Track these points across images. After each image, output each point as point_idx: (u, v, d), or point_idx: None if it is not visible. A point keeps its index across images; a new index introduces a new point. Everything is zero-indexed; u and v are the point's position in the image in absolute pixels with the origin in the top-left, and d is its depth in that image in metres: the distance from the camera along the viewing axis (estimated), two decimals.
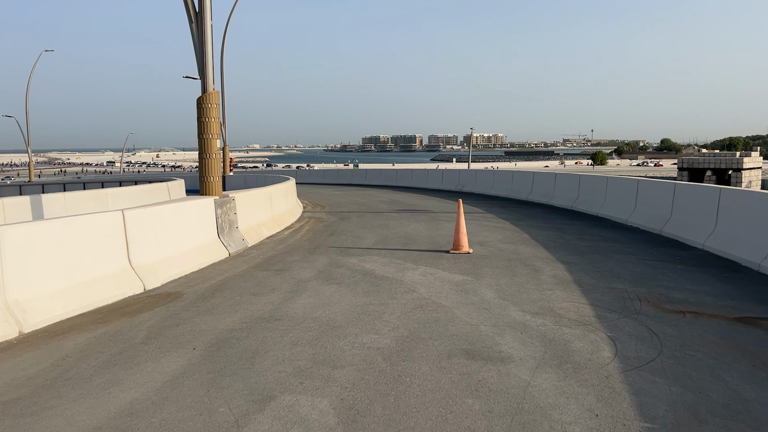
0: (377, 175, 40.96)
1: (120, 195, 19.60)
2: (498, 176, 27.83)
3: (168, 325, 6.71)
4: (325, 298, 7.86)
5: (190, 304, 7.64)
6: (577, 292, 8.04)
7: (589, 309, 7.20)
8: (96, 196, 18.45)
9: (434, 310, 7.21)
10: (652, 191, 14.81)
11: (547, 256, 10.85)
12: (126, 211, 8.42)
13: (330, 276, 9.29)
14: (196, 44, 11.37)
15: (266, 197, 14.96)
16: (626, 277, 9.02)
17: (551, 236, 13.35)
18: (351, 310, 7.20)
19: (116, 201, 18.22)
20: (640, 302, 7.50)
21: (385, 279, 8.98)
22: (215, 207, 11.22)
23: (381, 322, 6.71)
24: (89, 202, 17.19)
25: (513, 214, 18.09)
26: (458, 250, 11.29)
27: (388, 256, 10.95)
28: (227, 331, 6.44)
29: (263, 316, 7.03)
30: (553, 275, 9.16)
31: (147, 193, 20.39)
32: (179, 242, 9.81)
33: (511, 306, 7.36)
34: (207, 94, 11.48)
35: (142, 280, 8.43)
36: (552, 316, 6.88)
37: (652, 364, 5.36)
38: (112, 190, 19.94)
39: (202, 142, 11.57)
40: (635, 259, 10.54)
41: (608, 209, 16.99)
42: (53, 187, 41.85)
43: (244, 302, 7.70)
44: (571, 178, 20.73)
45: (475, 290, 8.20)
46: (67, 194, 17.34)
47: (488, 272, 9.40)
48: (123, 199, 18.95)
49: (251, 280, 9.11)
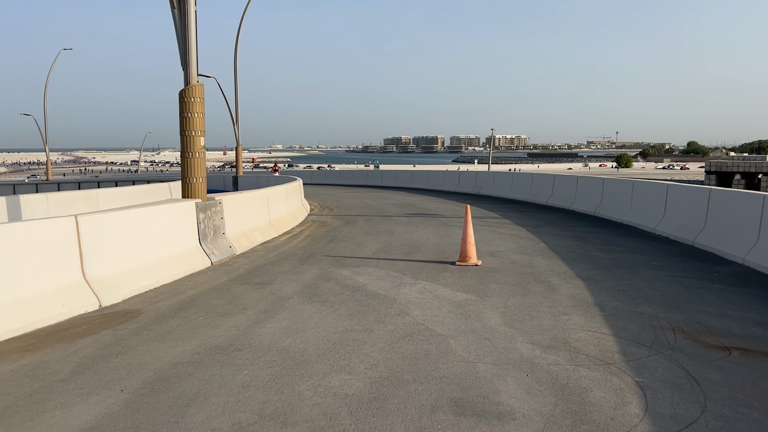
0: (393, 176, 39.85)
1: (113, 196, 18.69)
2: (517, 179, 26.51)
3: (106, 354, 5.64)
4: (302, 321, 6.74)
5: (143, 327, 6.57)
6: (598, 318, 6.82)
7: (612, 341, 5.99)
8: (85, 197, 17.54)
9: (426, 339, 6.05)
10: (683, 197, 13.46)
11: (565, 270, 9.62)
12: (80, 217, 7.37)
13: (315, 292, 8.17)
14: (179, 31, 10.34)
15: (262, 200, 13.89)
16: (656, 298, 7.77)
17: (571, 246, 12.09)
18: (327, 339, 6.07)
19: (107, 202, 17.31)
20: (674, 333, 6.26)
21: (376, 297, 7.84)
22: (197, 211, 10.16)
23: (359, 356, 5.57)
24: (77, 203, 16.29)
25: (530, 220, 16.82)
26: (465, 262, 10.10)
27: (386, 268, 9.80)
28: (172, 365, 5.35)
29: (222, 344, 5.92)
30: (571, 295, 7.94)
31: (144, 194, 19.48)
32: (150, 251, 8.77)
33: (518, 336, 6.17)
34: (190, 86, 10.44)
35: (97, 295, 7.38)
36: (567, 351, 5.68)
37: (694, 427, 4.15)
38: (104, 190, 19.06)
39: (184, 140, 10.53)
40: (666, 275, 9.26)
41: (634, 216, 15.65)
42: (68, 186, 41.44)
43: (206, 325, 6.61)
44: (594, 182, 19.38)
45: (478, 313, 7.02)
46: (51, 195, 16.45)
47: (496, 290, 8.20)
48: (116, 199, 18.03)
49: (225, 295, 8.02)
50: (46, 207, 15.57)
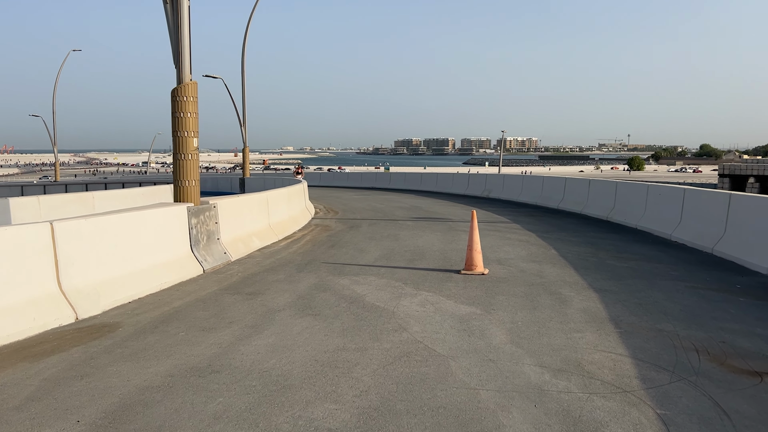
0: (402, 179, 39.38)
1: (110, 198, 18.24)
2: (527, 182, 25.89)
3: (71, 376, 5.14)
4: (290, 338, 6.21)
5: (119, 343, 6.07)
6: (614, 336, 6.24)
7: (629, 364, 5.42)
8: (80, 199, 17.09)
9: (424, 360, 5.51)
10: (701, 202, 12.83)
11: (577, 280, 9.04)
12: (56, 223, 6.89)
13: (309, 303, 7.65)
14: (171, 27, 9.86)
15: (261, 203, 13.40)
16: (676, 313, 7.18)
17: (583, 253, 11.50)
18: (315, 359, 5.54)
19: (103, 205, 16.85)
20: (698, 354, 5.69)
21: (374, 309, 7.30)
22: (189, 216, 9.67)
23: (349, 380, 5.03)
24: (70, 206, 15.84)
25: (541, 225, 16.21)
26: (471, 271, 9.54)
27: (387, 277, 9.27)
28: (140, 390, 4.83)
29: (199, 365, 5.41)
30: (584, 309, 7.36)
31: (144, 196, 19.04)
32: (136, 258, 8.28)
33: (525, 356, 5.61)
34: (183, 85, 9.96)
35: (74, 307, 6.89)
36: (579, 376, 5.12)
37: None
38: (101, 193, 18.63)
39: (176, 141, 10.05)
40: (685, 286, 8.66)
41: (649, 221, 15.01)
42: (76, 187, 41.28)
43: (186, 342, 6.10)
44: (607, 186, 18.74)
45: (483, 330, 6.46)
46: (43, 198, 15.99)
47: (502, 302, 7.64)
48: (113, 202, 17.57)
49: (212, 307, 7.51)
50: (37, 210, 15.14)
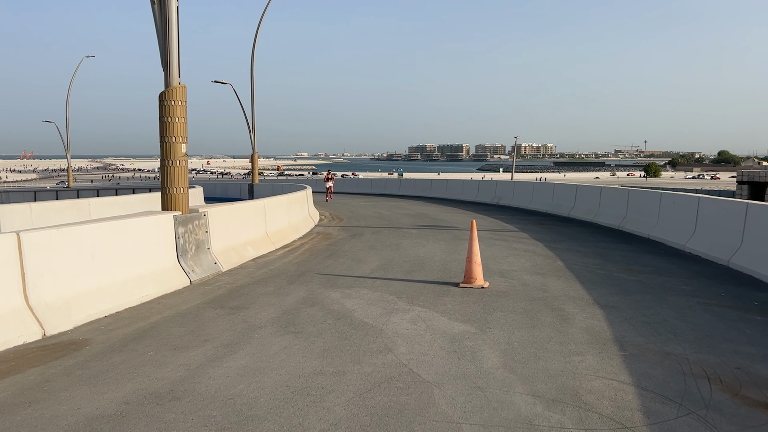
0: (411, 185, 38.97)
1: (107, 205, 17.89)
2: (537, 189, 25.30)
3: (18, 403, 4.72)
4: (265, 359, 5.76)
5: (81, 363, 5.65)
6: (617, 360, 5.72)
7: (632, 394, 4.90)
8: (75, 206, 16.75)
9: (406, 387, 5.03)
10: (716, 212, 12.22)
11: (582, 295, 8.51)
12: (24, 234, 6.50)
13: (294, 319, 7.20)
14: (159, 29, 9.49)
15: (257, 211, 12.99)
16: (686, 333, 6.64)
17: (591, 265, 10.95)
18: (287, 385, 5.08)
19: (100, 212, 16.55)
20: (709, 383, 5.15)
21: (361, 327, 6.84)
22: (176, 225, 9.27)
23: (319, 410, 4.56)
24: (65, 213, 15.52)
25: (549, 234, 15.65)
26: (470, 284, 9.05)
27: (381, 290, 8.80)
28: (88, 420, 4.40)
29: (160, 390, 4.97)
30: (586, 328, 6.84)
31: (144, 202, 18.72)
32: (115, 270, 7.88)
33: (518, 384, 5.11)
34: (171, 89, 9.57)
35: (41, 323, 6.49)
36: (575, 407, 4.61)
37: None
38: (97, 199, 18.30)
39: (164, 146, 9.66)
40: (697, 302, 8.11)
41: (662, 231, 14.41)
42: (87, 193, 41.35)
43: (153, 363, 5.66)
44: (619, 193, 18.14)
45: (475, 351, 5.97)
46: (35, 204, 15.69)
47: (500, 320, 7.14)
48: (112, 208, 17.24)
49: (190, 323, 7.08)
50: (29, 218, 14.82)
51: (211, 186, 49.69)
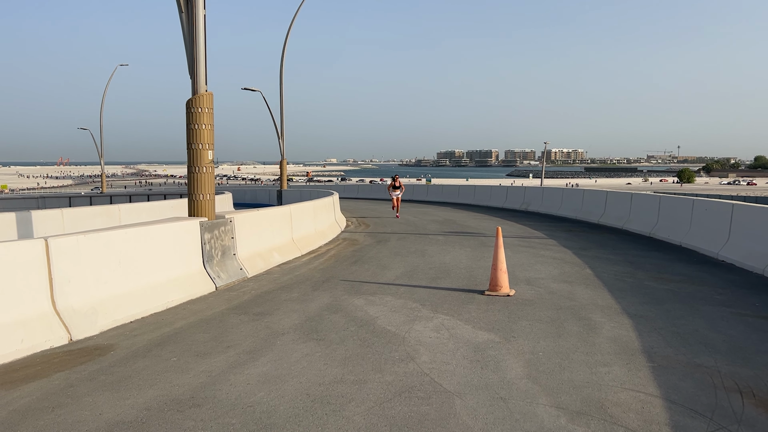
0: (439, 191, 38.79)
1: (137, 211, 18.19)
2: (567, 195, 24.98)
3: (42, 408, 4.77)
4: (287, 366, 5.74)
5: (105, 368, 5.71)
6: (645, 372, 5.58)
7: (660, 407, 4.76)
8: (106, 212, 17.05)
9: (427, 397, 4.96)
10: (751, 219, 11.90)
11: (611, 304, 8.34)
12: (52, 240, 6.61)
13: (317, 326, 7.18)
14: (186, 37, 9.61)
15: (284, 217, 13.05)
16: (718, 345, 6.44)
17: (620, 273, 10.74)
18: (307, 393, 5.06)
19: (130, 217, 16.81)
20: (742, 397, 4.98)
21: (384, 334, 6.79)
22: (201, 231, 9.35)
23: (338, 419, 4.53)
24: (96, 219, 15.81)
25: (578, 242, 15.42)
26: (495, 292, 8.94)
27: (405, 297, 8.75)
28: (109, 425, 4.42)
29: (181, 397, 4.98)
30: (614, 338, 6.69)
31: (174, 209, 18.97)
32: (142, 275, 7.97)
33: (541, 395, 5.01)
34: (198, 96, 9.68)
35: (68, 328, 6.58)
36: (600, 420, 4.49)
37: None
38: (127, 205, 18.62)
39: (191, 153, 9.76)
40: (730, 313, 7.88)
41: (694, 238, 14.09)
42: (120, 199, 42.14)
43: (176, 369, 5.69)
44: (650, 200, 17.79)
45: (498, 361, 5.88)
46: (67, 210, 15.98)
47: (525, 329, 7.03)
48: (141, 214, 17.52)
49: (214, 329, 7.12)
50: (60, 223, 15.13)
51: (241, 192, 50.21)
